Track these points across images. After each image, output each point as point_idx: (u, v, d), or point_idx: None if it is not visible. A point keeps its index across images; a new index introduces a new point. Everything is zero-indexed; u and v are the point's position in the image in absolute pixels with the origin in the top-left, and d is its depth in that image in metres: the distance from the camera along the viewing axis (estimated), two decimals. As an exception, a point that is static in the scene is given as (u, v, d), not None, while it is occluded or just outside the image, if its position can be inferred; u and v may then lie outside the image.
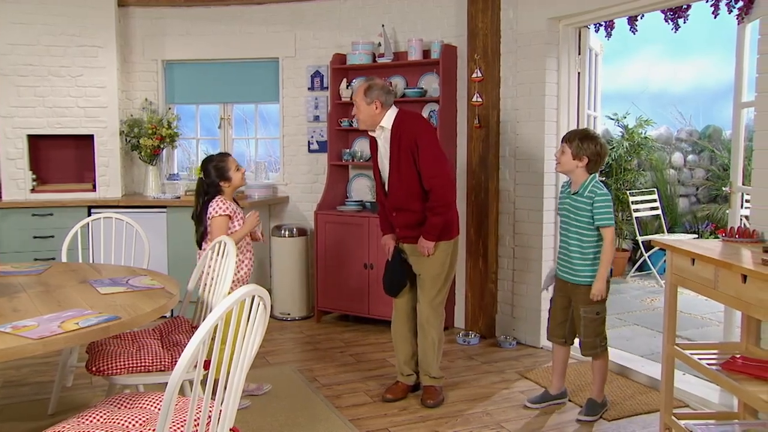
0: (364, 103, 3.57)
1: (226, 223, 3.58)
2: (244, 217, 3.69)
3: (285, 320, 5.51)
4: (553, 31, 4.61)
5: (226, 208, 3.58)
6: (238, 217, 3.63)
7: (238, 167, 3.66)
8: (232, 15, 5.91)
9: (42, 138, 5.66)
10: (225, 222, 3.57)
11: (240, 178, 3.66)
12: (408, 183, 3.57)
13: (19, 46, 5.47)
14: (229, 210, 3.59)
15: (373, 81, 3.63)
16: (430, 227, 3.57)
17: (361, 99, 3.57)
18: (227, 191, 3.64)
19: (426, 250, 3.61)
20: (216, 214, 3.56)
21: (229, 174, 3.62)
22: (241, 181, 3.68)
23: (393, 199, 3.66)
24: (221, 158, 3.66)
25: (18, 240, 5.27)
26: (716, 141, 8.67)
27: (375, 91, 3.55)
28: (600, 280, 3.40)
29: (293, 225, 5.62)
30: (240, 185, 3.71)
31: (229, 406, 1.92)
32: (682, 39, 11.13)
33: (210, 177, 3.62)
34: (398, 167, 3.57)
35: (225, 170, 3.61)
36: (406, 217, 3.65)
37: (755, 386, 2.54)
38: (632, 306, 6.16)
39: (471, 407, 3.70)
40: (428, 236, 3.59)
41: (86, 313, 2.34)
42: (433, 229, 3.57)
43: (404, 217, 3.66)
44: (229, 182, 3.62)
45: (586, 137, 3.42)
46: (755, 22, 3.42)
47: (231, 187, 3.65)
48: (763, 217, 3.21)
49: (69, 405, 3.65)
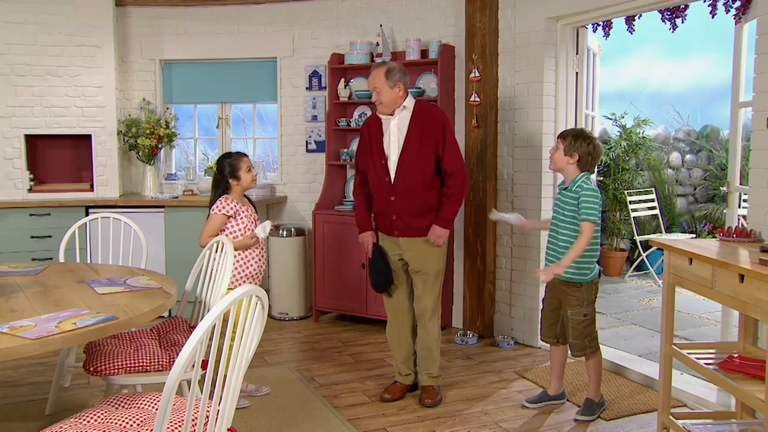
0: (387, 87, 3.51)
1: (223, 222, 3.64)
2: (253, 217, 3.73)
3: (283, 320, 5.51)
4: (551, 31, 4.62)
5: (228, 208, 3.63)
6: (241, 216, 3.66)
7: (249, 168, 3.72)
8: (230, 15, 5.91)
9: (39, 138, 5.65)
10: (221, 221, 3.63)
11: (249, 180, 3.70)
12: (423, 166, 3.53)
13: (17, 45, 5.46)
14: (231, 210, 3.64)
15: (390, 64, 3.59)
16: (449, 213, 3.55)
17: (384, 83, 3.50)
18: (236, 190, 3.70)
19: (440, 239, 3.56)
20: (215, 212, 3.63)
21: (239, 173, 3.68)
22: (250, 183, 3.72)
23: (401, 182, 3.55)
24: (237, 156, 3.73)
25: (15, 240, 5.26)
26: (714, 141, 8.68)
27: (396, 73, 3.53)
28: (558, 266, 3.32)
29: (291, 225, 5.62)
30: (249, 187, 3.74)
31: (227, 406, 1.92)
32: (680, 39, 11.13)
33: (222, 173, 3.70)
34: (417, 149, 3.52)
35: (236, 169, 3.68)
36: (409, 203, 3.55)
37: (753, 386, 2.55)
38: (630, 306, 6.16)
39: (469, 407, 3.70)
40: (445, 224, 3.55)
41: (84, 313, 2.33)
42: (452, 215, 3.56)
43: (407, 203, 3.55)
44: (238, 181, 3.69)
45: (579, 136, 3.46)
46: (753, 22, 3.43)
47: (240, 186, 3.70)
48: (761, 217, 3.21)
49: (66, 405, 3.64)
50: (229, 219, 3.64)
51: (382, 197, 3.64)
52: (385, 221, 3.67)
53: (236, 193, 3.71)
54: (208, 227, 3.62)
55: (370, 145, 3.69)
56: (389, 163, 3.61)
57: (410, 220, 3.58)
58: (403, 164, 3.55)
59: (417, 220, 3.58)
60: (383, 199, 3.64)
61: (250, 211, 3.75)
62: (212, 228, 3.61)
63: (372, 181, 3.70)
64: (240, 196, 3.74)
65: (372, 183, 3.70)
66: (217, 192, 3.73)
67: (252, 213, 3.77)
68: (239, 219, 3.67)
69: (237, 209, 3.66)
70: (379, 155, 3.63)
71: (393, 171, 3.59)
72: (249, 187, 3.75)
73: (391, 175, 3.59)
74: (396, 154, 3.57)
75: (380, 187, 3.64)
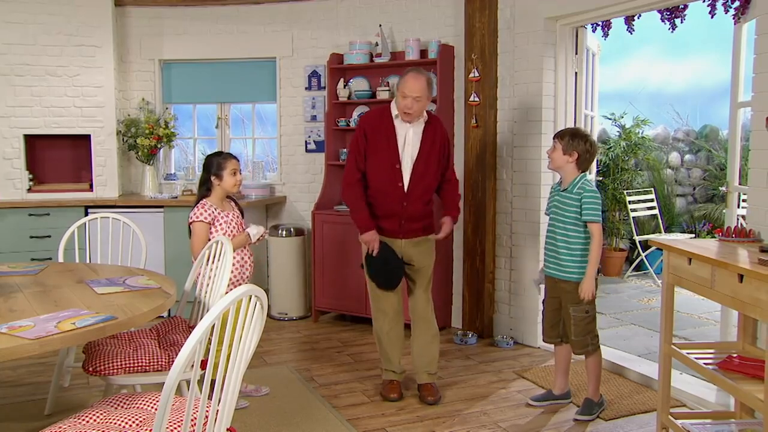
0: (426, 97, 3.57)
1: (206, 229, 3.51)
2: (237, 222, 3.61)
3: (282, 320, 5.50)
4: (550, 31, 4.62)
5: (205, 215, 3.51)
6: (220, 223, 3.54)
7: (235, 172, 3.59)
8: (230, 15, 5.91)
9: (39, 138, 5.65)
10: (204, 228, 3.50)
11: (231, 183, 3.58)
12: (432, 174, 3.68)
13: (16, 45, 5.46)
14: (208, 217, 3.52)
15: (428, 74, 3.64)
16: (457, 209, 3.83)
17: (427, 93, 3.55)
18: (216, 191, 3.59)
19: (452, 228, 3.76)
20: (194, 219, 3.52)
21: (222, 173, 3.56)
22: (231, 188, 3.60)
23: (414, 188, 3.62)
24: (226, 156, 3.63)
25: (15, 240, 5.26)
26: (713, 141, 8.68)
27: (432, 85, 3.68)
28: (589, 279, 3.41)
29: (290, 225, 5.62)
30: (231, 191, 3.62)
31: (226, 406, 1.92)
32: (679, 39, 11.12)
33: (208, 170, 3.60)
34: (427, 159, 3.63)
35: (221, 168, 3.57)
36: (418, 209, 3.66)
37: (752, 385, 2.55)
38: (629, 305, 6.17)
39: (468, 407, 3.70)
40: (458, 212, 3.83)
41: (83, 313, 2.33)
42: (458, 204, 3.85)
43: (417, 208, 3.66)
44: (220, 181, 3.57)
45: (576, 134, 3.48)
46: (752, 22, 3.43)
47: (221, 188, 3.59)
48: (760, 217, 3.21)
49: (66, 405, 3.64)
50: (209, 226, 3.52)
51: (393, 201, 3.64)
52: (392, 224, 3.67)
53: (217, 195, 3.59)
54: (194, 240, 3.49)
55: (375, 146, 3.61)
56: (403, 169, 3.62)
57: (415, 223, 3.69)
58: (417, 171, 3.62)
59: (418, 223, 3.71)
60: (393, 203, 3.64)
61: (233, 216, 3.61)
62: (199, 239, 3.47)
63: (378, 183, 3.65)
64: (220, 200, 3.61)
65: (378, 185, 3.65)
66: (200, 191, 3.61)
67: (236, 218, 3.62)
68: (218, 226, 3.53)
69: (215, 215, 3.53)
70: (392, 159, 3.61)
71: (407, 177, 3.62)
72: (231, 191, 3.62)
73: (405, 181, 3.62)
74: (411, 160, 3.62)
75: (391, 191, 3.63)
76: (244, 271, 3.63)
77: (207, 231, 3.52)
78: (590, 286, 3.41)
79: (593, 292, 3.42)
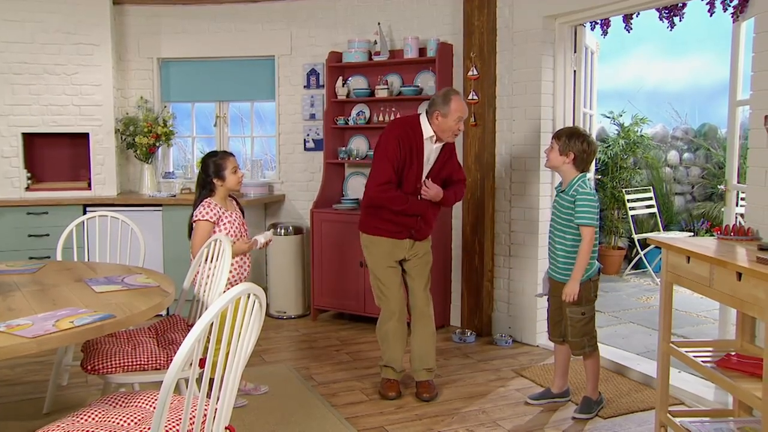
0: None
1: (210, 227, 3.51)
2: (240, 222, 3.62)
3: (281, 318, 5.50)
4: (549, 29, 4.61)
5: (210, 214, 3.52)
6: (224, 223, 3.55)
7: (235, 170, 3.59)
8: (228, 13, 5.90)
9: (37, 136, 5.64)
10: (208, 227, 3.50)
11: (235, 181, 3.59)
12: (442, 182, 3.81)
13: (14, 43, 5.45)
14: (214, 216, 3.52)
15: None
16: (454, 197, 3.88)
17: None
18: (220, 191, 3.59)
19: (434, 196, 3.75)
20: (199, 218, 3.51)
21: (224, 173, 3.56)
22: (235, 185, 3.60)
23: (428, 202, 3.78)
24: (223, 155, 3.62)
25: (13, 239, 5.25)
26: (712, 139, 8.68)
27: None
28: (573, 281, 3.39)
29: (289, 223, 5.62)
30: (234, 189, 3.63)
31: (224, 405, 1.92)
32: (678, 37, 11.15)
33: (207, 172, 3.58)
34: (441, 170, 3.79)
35: (221, 168, 3.56)
36: (433, 213, 3.82)
37: (750, 384, 2.55)
38: (628, 304, 6.17)
39: (467, 405, 3.70)
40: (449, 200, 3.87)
41: (81, 311, 2.33)
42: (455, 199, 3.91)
43: (432, 213, 3.81)
44: (222, 182, 3.57)
45: (573, 134, 3.46)
46: (750, 21, 3.43)
47: (224, 187, 3.59)
48: (758, 215, 3.22)
49: (64, 404, 3.64)
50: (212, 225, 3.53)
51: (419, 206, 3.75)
52: (415, 224, 3.75)
53: (220, 194, 3.59)
54: (196, 238, 3.49)
55: (411, 158, 3.66)
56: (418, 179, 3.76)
57: (428, 227, 3.83)
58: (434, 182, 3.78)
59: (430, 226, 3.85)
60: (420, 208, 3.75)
61: (236, 216, 3.62)
62: (201, 238, 3.47)
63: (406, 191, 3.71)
64: (224, 199, 3.62)
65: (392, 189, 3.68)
66: (201, 193, 3.60)
67: (238, 218, 3.63)
68: (222, 226, 3.54)
69: (220, 215, 3.54)
70: (417, 175, 3.71)
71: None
72: (235, 188, 3.63)
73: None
74: (427, 171, 3.76)
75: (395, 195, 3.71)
76: (242, 270, 3.64)
77: (210, 230, 3.52)
78: (573, 289, 3.39)
79: (576, 295, 3.39)
